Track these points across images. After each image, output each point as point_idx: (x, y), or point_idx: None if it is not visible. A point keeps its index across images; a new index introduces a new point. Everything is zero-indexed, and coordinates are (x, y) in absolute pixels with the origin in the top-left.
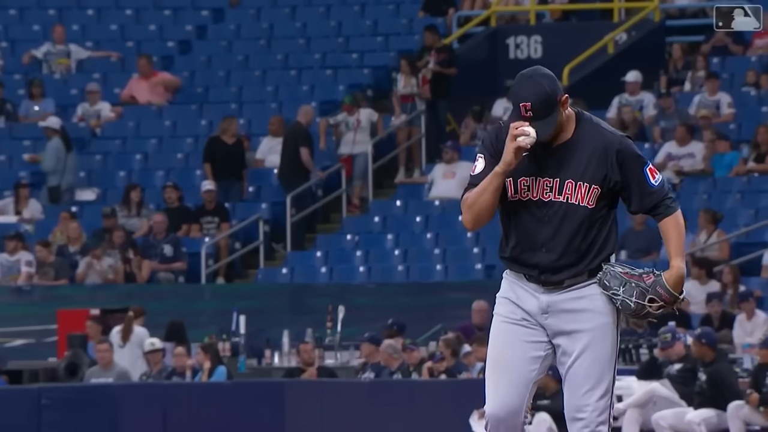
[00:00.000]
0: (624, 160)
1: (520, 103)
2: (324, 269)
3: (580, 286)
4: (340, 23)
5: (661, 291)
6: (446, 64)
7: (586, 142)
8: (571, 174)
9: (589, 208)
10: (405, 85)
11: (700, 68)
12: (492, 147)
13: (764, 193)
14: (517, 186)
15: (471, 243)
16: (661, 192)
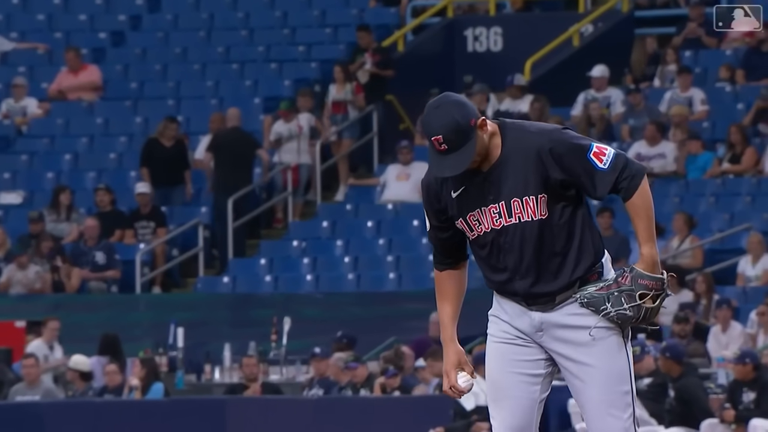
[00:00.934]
0: (561, 156)
1: (432, 138)
2: (268, 278)
3: (572, 301)
4: (286, 13)
5: (644, 281)
6: (383, 65)
7: (517, 153)
8: (513, 192)
9: (544, 220)
10: (338, 91)
11: (671, 62)
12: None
13: (740, 196)
14: (469, 223)
15: (426, 250)
16: (614, 172)
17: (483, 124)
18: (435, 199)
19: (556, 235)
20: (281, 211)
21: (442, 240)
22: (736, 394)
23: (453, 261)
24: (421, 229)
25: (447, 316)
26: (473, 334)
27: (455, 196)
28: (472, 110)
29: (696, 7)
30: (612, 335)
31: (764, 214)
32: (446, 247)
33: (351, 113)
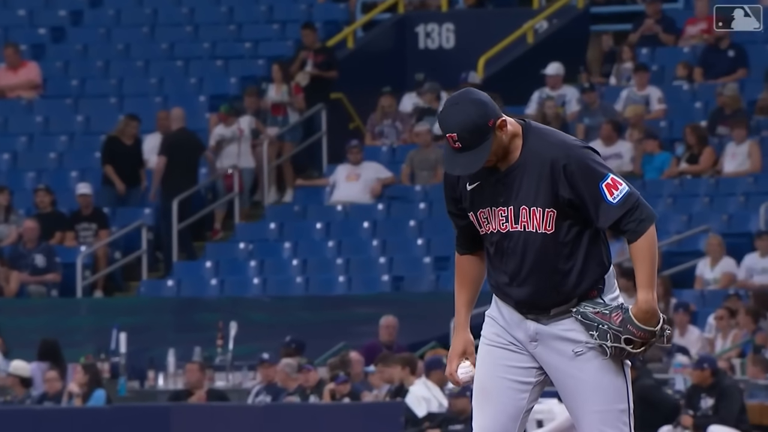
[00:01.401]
0: (573, 175)
1: (447, 134)
2: (214, 281)
3: (569, 315)
4: (232, 9)
5: (633, 329)
6: (326, 66)
7: (534, 159)
8: (523, 199)
9: (548, 234)
10: (277, 92)
11: (627, 60)
12: (448, 189)
13: (698, 197)
14: (479, 219)
15: (377, 252)
16: (622, 209)
17: (503, 125)
18: (451, 188)
19: (558, 253)
20: (220, 222)
21: (460, 227)
22: (694, 400)
23: (472, 247)
24: (372, 230)
25: (462, 302)
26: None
27: (469, 189)
28: (492, 110)
29: (653, 3)
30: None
31: (723, 216)
32: (464, 233)
33: (291, 116)
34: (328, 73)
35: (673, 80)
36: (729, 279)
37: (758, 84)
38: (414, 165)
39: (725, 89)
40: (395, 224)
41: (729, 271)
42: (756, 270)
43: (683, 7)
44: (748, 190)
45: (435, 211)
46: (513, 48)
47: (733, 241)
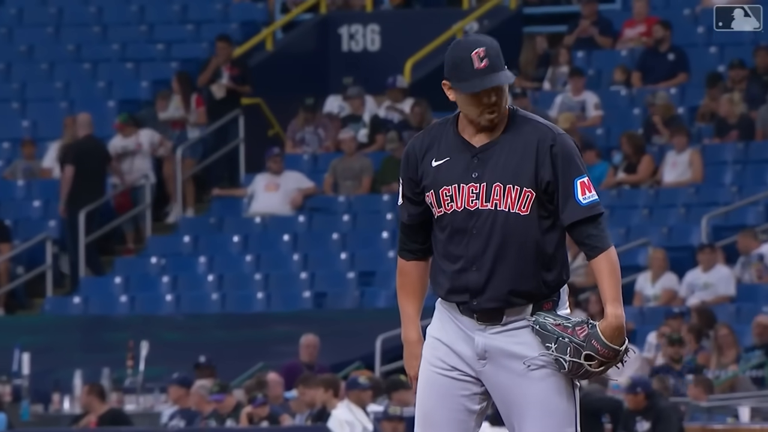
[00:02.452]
0: (556, 157)
1: (472, 51)
2: (124, 298)
3: (523, 325)
4: (143, 8)
5: (598, 345)
6: (241, 80)
7: (517, 138)
8: (499, 176)
9: (522, 216)
10: (178, 107)
11: (562, 63)
12: (409, 170)
13: (636, 209)
14: (440, 198)
15: (298, 267)
16: (587, 212)
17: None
18: (413, 168)
19: (527, 239)
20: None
21: (412, 216)
22: (629, 425)
23: (419, 248)
24: (292, 244)
25: (413, 310)
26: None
27: (435, 165)
28: None
29: (589, 4)
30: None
31: (663, 228)
32: (415, 225)
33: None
34: (242, 88)
35: (610, 85)
36: (670, 295)
37: (699, 89)
38: (337, 174)
39: (656, 97)
40: (317, 237)
41: (670, 287)
42: (698, 286)
43: (621, 8)
44: (689, 202)
45: (359, 223)
46: (442, 50)
47: (673, 256)
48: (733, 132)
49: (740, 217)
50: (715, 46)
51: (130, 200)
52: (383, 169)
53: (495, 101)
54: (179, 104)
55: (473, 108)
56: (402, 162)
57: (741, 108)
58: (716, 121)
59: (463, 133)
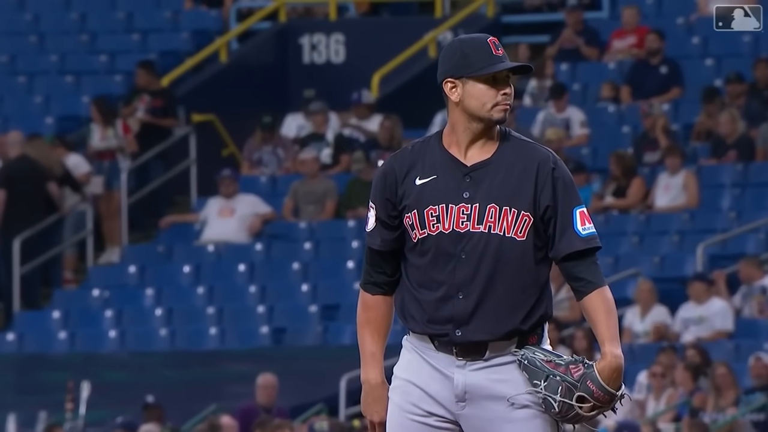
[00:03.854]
0: (557, 182)
1: (487, 39)
2: (63, 334)
3: (506, 361)
4: (84, 15)
5: (593, 387)
6: (162, 111)
7: (514, 158)
8: (494, 197)
9: (518, 241)
10: (102, 137)
11: (544, 77)
12: (385, 191)
13: (625, 236)
14: (424, 218)
15: (254, 300)
16: (585, 244)
17: None
18: (391, 188)
19: (521, 266)
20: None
21: (385, 242)
22: None
23: (387, 280)
24: (249, 275)
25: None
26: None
27: (419, 184)
28: None
29: (573, 11)
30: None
31: (654, 258)
32: (386, 253)
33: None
34: (163, 121)
35: (597, 101)
36: (661, 331)
37: (695, 105)
38: (298, 198)
39: (653, 108)
40: (276, 267)
41: (661, 322)
42: (692, 320)
43: (608, 16)
44: (683, 228)
45: (322, 251)
46: (412, 63)
47: (666, 287)
48: (732, 152)
49: (739, 246)
50: (711, 58)
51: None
52: (348, 193)
53: (509, 92)
54: (102, 134)
55: (488, 100)
56: (377, 182)
57: (740, 126)
58: (713, 140)
59: (451, 149)
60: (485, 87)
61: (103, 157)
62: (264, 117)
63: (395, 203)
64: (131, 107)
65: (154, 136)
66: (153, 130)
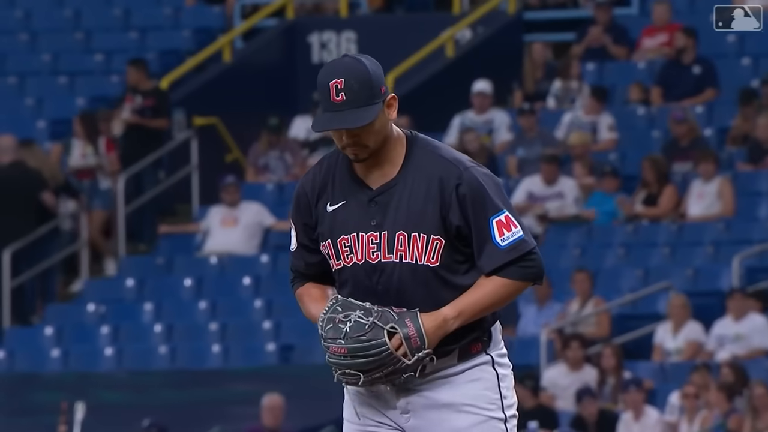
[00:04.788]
0: (464, 198)
1: (330, 82)
2: (56, 352)
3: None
4: (78, 12)
5: (411, 325)
6: (151, 112)
7: (420, 175)
8: (402, 223)
9: (431, 268)
10: (82, 154)
11: (570, 77)
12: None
13: (656, 247)
14: (338, 249)
15: (260, 315)
16: (509, 255)
17: (392, 103)
18: (306, 211)
19: (441, 289)
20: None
21: (309, 265)
22: None
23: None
24: (254, 288)
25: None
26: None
27: (330, 210)
28: (383, 79)
29: (601, 7)
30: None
31: (687, 271)
32: (312, 273)
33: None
34: (153, 122)
35: (625, 103)
36: (694, 348)
37: (730, 107)
38: None
39: (687, 113)
40: (283, 280)
41: (695, 339)
42: (728, 338)
43: (638, 13)
44: (718, 239)
45: None
46: (429, 62)
47: (699, 302)
48: None
49: None
50: (748, 57)
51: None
52: None
53: (351, 142)
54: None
55: (337, 141)
56: (293, 204)
57: None
58: (750, 145)
59: (358, 171)
60: (333, 132)
61: (82, 176)
62: (270, 120)
63: (312, 227)
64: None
65: (147, 140)
66: (146, 133)
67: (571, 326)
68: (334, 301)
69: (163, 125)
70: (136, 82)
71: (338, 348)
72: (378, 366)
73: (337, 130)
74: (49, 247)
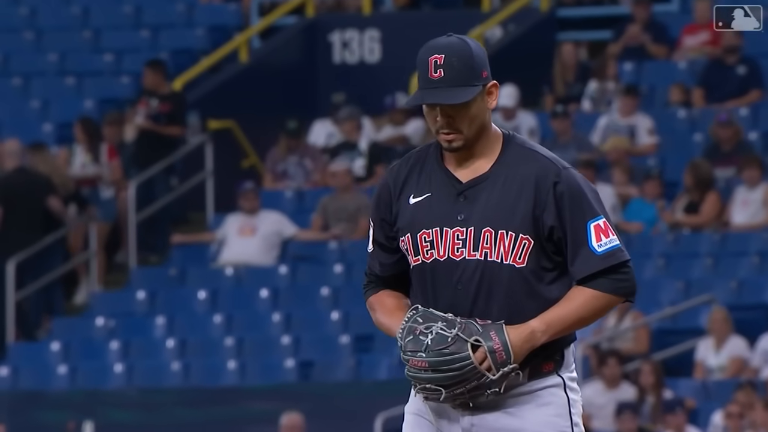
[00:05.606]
0: (562, 197)
1: (429, 57)
2: (63, 368)
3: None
4: (87, 9)
5: (495, 338)
6: (166, 119)
7: (514, 173)
8: (490, 219)
9: (517, 268)
10: (81, 163)
11: (606, 78)
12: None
13: (698, 258)
14: (418, 244)
15: (279, 329)
16: (604, 262)
17: (493, 90)
18: (386, 206)
19: (523, 295)
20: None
21: (384, 266)
22: None
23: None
24: (272, 301)
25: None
26: None
27: (413, 203)
28: (486, 63)
29: (640, 4)
30: None
31: (731, 282)
32: (389, 278)
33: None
34: (168, 129)
35: (665, 105)
36: (738, 365)
37: None
38: (328, 215)
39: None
40: (303, 293)
41: (738, 355)
42: None
43: (679, 9)
44: (763, 249)
45: (355, 275)
46: None
47: (743, 316)
48: None
49: None
50: None
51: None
52: None
53: (444, 123)
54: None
55: (431, 124)
56: (373, 201)
57: None
58: None
59: (447, 163)
60: (428, 110)
61: (82, 185)
62: (289, 123)
63: (391, 223)
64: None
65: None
66: (158, 140)
67: (607, 342)
68: (415, 312)
69: (177, 133)
70: (153, 85)
71: (419, 361)
72: (460, 381)
73: (431, 108)
74: (56, 258)
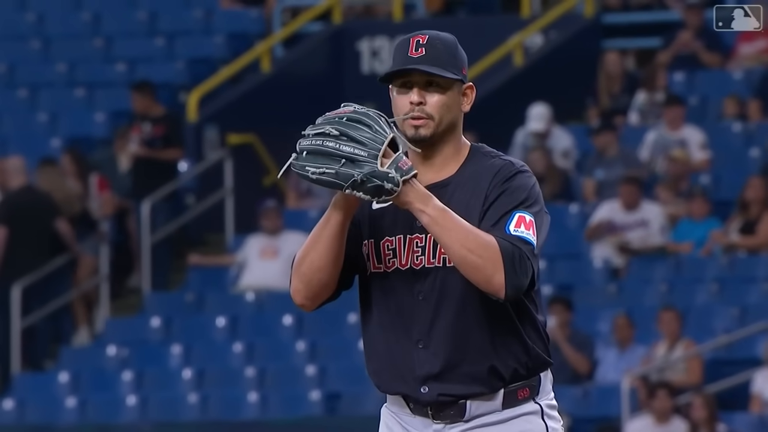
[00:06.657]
0: (495, 185)
1: (413, 37)
2: (72, 401)
3: (494, 421)
4: (98, 16)
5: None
6: (162, 142)
7: (474, 176)
8: None
9: None
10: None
11: (655, 89)
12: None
13: (755, 282)
14: (380, 252)
15: (303, 358)
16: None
17: (469, 93)
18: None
19: (488, 304)
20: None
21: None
22: None
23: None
24: (296, 329)
25: None
26: None
27: (375, 209)
28: (466, 65)
29: (693, 9)
30: None
31: None
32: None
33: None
34: (164, 153)
35: (719, 118)
36: None
37: None
38: None
39: None
40: (328, 320)
41: None
42: None
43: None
44: None
45: None
46: (494, 72)
47: None
48: None
49: None
50: None
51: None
52: None
53: (420, 102)
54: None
55: (398, 111)
56: None
57: None
58: None
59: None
60: (397, 98)
61: None
62: None
63: (356, 224)
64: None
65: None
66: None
67: (657, 372)
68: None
69: (176, 156)
70: (143, 108)
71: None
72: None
73: (404, 90)
74: (65, 283)
